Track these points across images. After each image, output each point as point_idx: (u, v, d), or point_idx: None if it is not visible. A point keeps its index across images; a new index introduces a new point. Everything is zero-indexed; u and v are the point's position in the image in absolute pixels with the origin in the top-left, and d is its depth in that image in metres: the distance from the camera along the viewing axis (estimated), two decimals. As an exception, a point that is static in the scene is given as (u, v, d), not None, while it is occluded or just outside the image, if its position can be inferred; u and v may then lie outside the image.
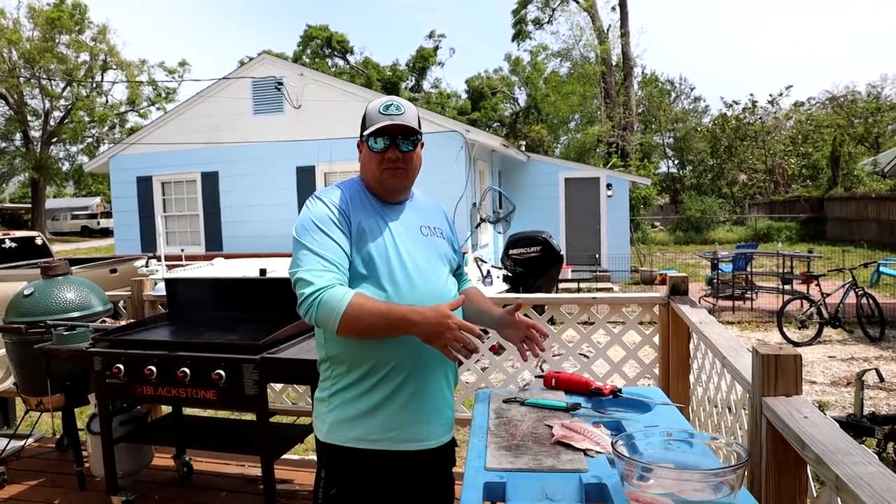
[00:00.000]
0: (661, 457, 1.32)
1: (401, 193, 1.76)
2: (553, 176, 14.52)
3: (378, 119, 1.64)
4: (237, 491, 3.31)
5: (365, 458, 1.62)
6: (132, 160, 12.43)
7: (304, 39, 34.06)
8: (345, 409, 1.63)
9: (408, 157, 1.68)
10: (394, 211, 1.74)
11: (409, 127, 1.66)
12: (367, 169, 1.71)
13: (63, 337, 2.98)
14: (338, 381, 1.65)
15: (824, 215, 23.03)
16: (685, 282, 3.03)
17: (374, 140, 1.65)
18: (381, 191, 1.72)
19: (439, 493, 1.79)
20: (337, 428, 1.64)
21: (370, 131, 1.64)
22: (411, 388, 1.62)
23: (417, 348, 1.58)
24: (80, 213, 39.95)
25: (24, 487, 3.40)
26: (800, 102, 33.00)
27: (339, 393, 1.64)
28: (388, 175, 1.68)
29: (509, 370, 3.49)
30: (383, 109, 1.66)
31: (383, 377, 1.60)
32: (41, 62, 29.23)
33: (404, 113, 1.66)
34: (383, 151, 1.66)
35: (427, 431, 1.67)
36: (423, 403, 1.65)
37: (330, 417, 1.65)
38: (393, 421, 1.62)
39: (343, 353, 1.63)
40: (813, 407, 1.41)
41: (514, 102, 34.91)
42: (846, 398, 5.90)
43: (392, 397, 1.61)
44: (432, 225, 1.80)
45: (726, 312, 10.14)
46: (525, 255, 7.91)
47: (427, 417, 1.66)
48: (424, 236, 1.74)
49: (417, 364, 1.62)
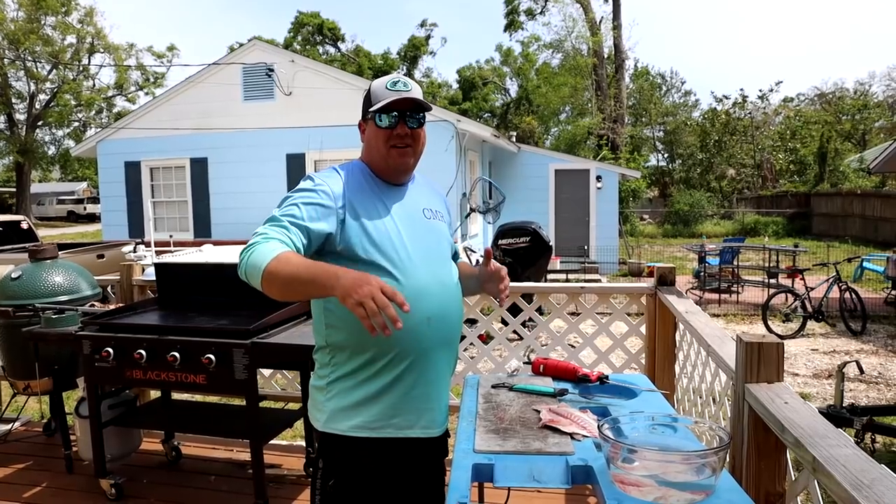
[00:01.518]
0: (646, 440, 1.36)
1: (406, 173, 1.71)
2: (543, 167, 14.54)
3: (386, 95, 1.60)
4: (225, 475, 3.33)
5: (365, 447, 1.60)
6: (120, 145, 12.31)
7: (296, 26, 33.79)
8: (345, 397, 1.60)
9: (416, 134, 1.64)
10: (396, 193, 1.69)
11: (418, 101, 1.62)
12: (373, 148, 1.65)
13: (52, 320, 2.97)
14: (337, 368, 1.61)
15: (810, 211, 23.26)
16: (672, 273, 3.07)
17: (381, 116, 1.60)
18: (386, 171, 1.67)
19: (434, 481, 1.78)
20: (336, 416, 1.60)
21: (378, 107, 1.58)
22: (415, 375, 1.59)
23: (421, 335, 1.57)
24: (67, 197, 39.50)
25: (10, 471, 3.39)
26: (789, 98, 33.27)
27: (339, 381, 1.61)
28: (396, 154, 1.63)
29: (497, 358, 3.52)
30: (390, 86, 1.62)
31: (387, 364, 1.57)
32: (26, 44, 28.76)
33: (412, 89, 1.62)
34: (391, 128, 1.61)
35: (431, 419, 1.65)
36: (426, 390, 1.62)
37: (329, 406, 1.62)
38: (396, 408, 1.59)
39: (346, 340, 1.59)
40: (793, 393, 1.45)
41: (505, 93, 34.87)
42: (827, 390, 6.00)
43: (395, 384, 1.58)
44: (434, 208, 1.76)
45: (712, 305, 10.24)
46: (514, 245, 7.95)
47: (431, 404, 1.64)
48: (427, 219, 1.70)
49: (421, 351, 1.59)
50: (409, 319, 1.52)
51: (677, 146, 33.04)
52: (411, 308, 1.53)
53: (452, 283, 1.68)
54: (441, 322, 1.62)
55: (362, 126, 1.70)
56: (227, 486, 3.20)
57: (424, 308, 1.57)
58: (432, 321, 1.59)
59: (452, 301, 1.67)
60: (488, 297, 3.49)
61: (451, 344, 1.71)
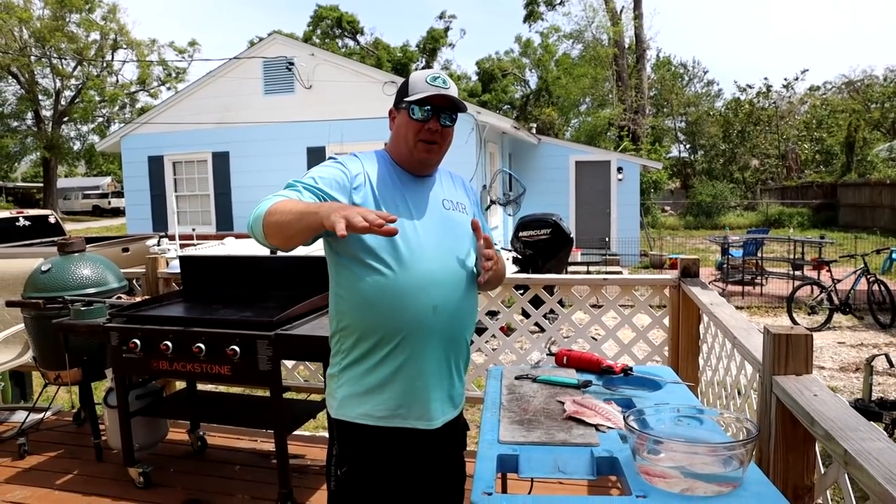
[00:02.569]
0: (672, 432, 1.35)
1: (428, 168, 1.72)
2: (563, 159, 14.44)
3: (425, 88, 1.61)
4: (250, 465, 3.37)
5: (374, 435, 1.61)
6: (143, 140, 12.47)
7: (315, 20, 33.90)
8: (354, 384, 1.62)
9: (446, 132, 1.66)
10: (416, 183, 1.69)
11: (456, 102, 1.63)
12: (401, 136, 1.66)
13: (80, 312, 3.03)
14: (347, 355, 1.63)
15: (837, 201, 22.82)
16: (696, 264, 3.03)
17: (415, 108, 1.61)
18: (409, 162, 1.68)
19: (450, 474, 1.77)
20: (346, 403, 1.63)
21: (416, 98, 1.59)
22: (418, 365, 1.58)
23: (426, 324, 1.56)
24: (92, 192, 40.16)
25: (43, 458, 3.48)
26: (815, 87, 32.59)
27: (348, 368, 1.63)
28: (423, 147, 1.64)
29: (519, 351, 3.51)
30: (431, 80, 1.62)
31: (391, 351, 1.57)
32: (52, 41, 29.24)
33: (450, 87, 1.63)
34: (424, 121, 1.61)
35: (434, 410, 1.63)
36: (430, 381, 1.61)
37: (340, 393, 1.64)
38: (401, 398, 1.59)
39: (353, 324, 1.60)
40: (823, 385, 1.42)
41: (524, 85, 34.68)
42: (855, 384, 5.90)
43: (399, 373, 1.58)
44: (455, 200, 1.75)
45: (736, 297, 10.11)
46: (535, 237, 7.93)
47: (434, 395, 1.62)
48: (447, 210, 1.70)
49: (425, 341, 1.58)
50: (414, 307, 1.55)
51: (699, 137, 32.59)
52: (418, 297, 1.55)
53: (465, 276, 1.65)
54: (448, 313, 1.60)
55: (393, 113, 1.71)
56: (252, 475, 3.24)
57: (431, 297, 1.56)
58: (439, 311, 1.57)
59: (464, 293, 1.65)
60: (509, 289, 3.50)
61: (458, 337, 1.67)
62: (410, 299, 1.55)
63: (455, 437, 1.76)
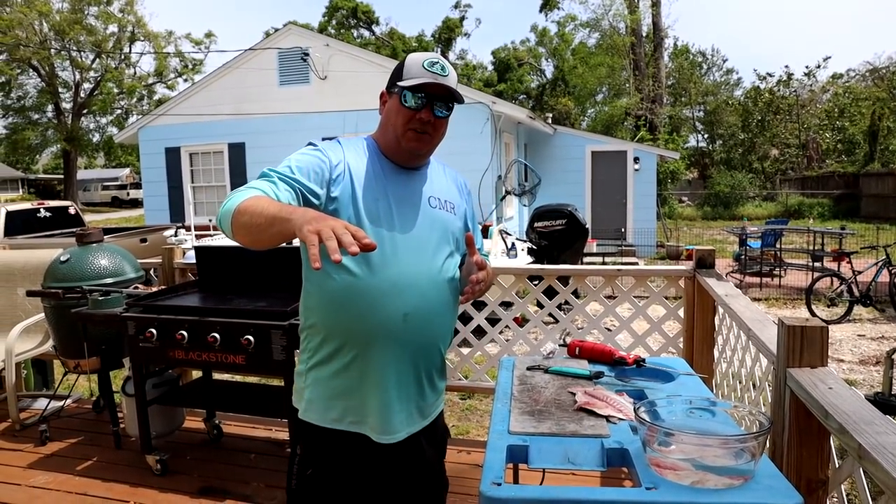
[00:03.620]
0: (683, 424, 1.34)
1: (417, 159, 1.59)
2: (580, 149, 14.34)
3: (421, 74, 1.48)
4: (265, 454, 3.41)
5: (341, 440, 1.53)
6: (161, 131, 12.58)
7: (330, 10, 33.86)
8: (321, 387, 1.53)
9: (438, 124, 1.53)
10: (402, 176, 1.57)
11: (452, 92, 1.50)
12: (390, 123, 1.54)
13: (98, 302, 3.07)
14: (313, 354, 1.54)
15: (859, 192, 22.43)
16: (712, 255, 3.00)
17: (408, 95, 1.48)
18: (397, 151, 1.56)
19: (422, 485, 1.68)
20: (313, 407, 1.54)
21: (410, 84, 1.47)
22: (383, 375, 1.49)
23: (396, 332, 1.47)
24: (111, 183, 40.66)
25: (64, 445, 3.54)
26: (838, 74, 31.94)
27: (315, 368, 1.54)
28: (412, 137, 1.51)
29: (533, 341, 3.51)
30: (428, 65, 1.49)
31: (355, 357, 1.48)
32: (71, 34, 29.55)
33: (448, 76, 1.51)
34: (416, 109, 1.49)
35: (395, 423, 1.52)
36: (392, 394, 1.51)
37: (307, 394, 1.56)
38: (364, 407, 1.51)
39: (319, 323, 1.51)
40: (838, 378, 1.40)
41: (540, 74, 34.42)
42: (875, 377, 5.82)
43: (363, 381, 1.49)
44: (444, 198, 1.62)
45: (754, 289, 10.01)
46: (550, 228, 7.89)
47: (396, 408, 1.52)
48: (432, 208, 1.57)
49: (393, 348, 1.48)
50: (382, 313, 1.45)
51: (718, 126, 32.14)
52: (387, 302, 1.44)
53: (443, 280, 1.54)
54: (420, 321, 1.50)
55: (384, 97, 1.59)
56: (267, 464, 3.28)
57: (403, 303, 1.46)
58: (409, 319, 1.47)
59: (440, 299, 1.54)
60: (524, 280, 3.49)
61: (430, 346, 1.57)
62: (380, 304, 1.45)
63: (432, 447, 1.68)
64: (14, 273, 4.16)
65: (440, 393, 1.68)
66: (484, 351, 3.56)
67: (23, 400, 4.17)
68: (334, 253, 1.06)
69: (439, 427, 1.73)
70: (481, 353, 3.57)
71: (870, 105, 26.50)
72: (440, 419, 1.73)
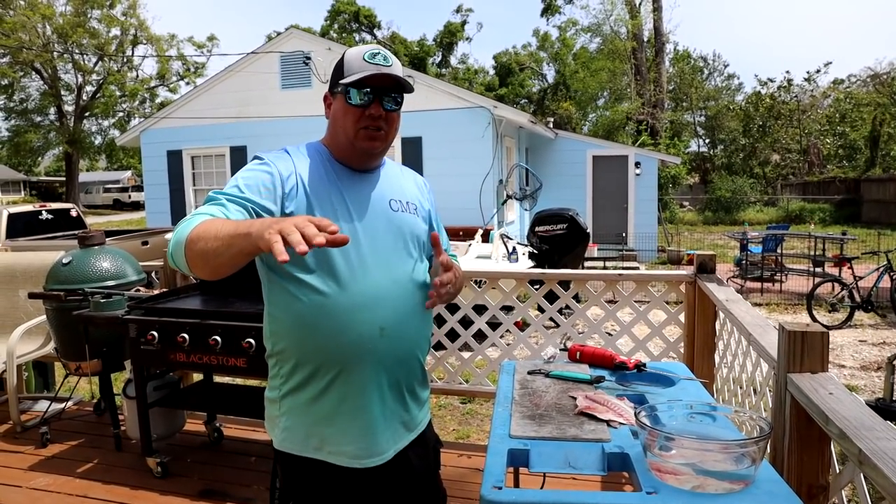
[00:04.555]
0: (684, 429, 1.34)
1: (372, 159, 1.51)
2: (581, 153, 14.36)
3: (363, 67, 1.39)
4: (266, 457, 3.40)
5: (322, 471, 1.44)
6: (162, 134, 12.60)
7: (332, 14, 33.97)
8: (299, 415, 1.44)
9: (390, 118, 1.44)
10: (358, 181, 1.48)
11: (398, 80, 1.41)
12: (339, 127, 1.45)
13: (100, 304, 3.08)
14: (286, 380, 1.45)
15: (860, 197, 22.43)
16: (713, 260, 3.01)
17: (353, 92, 1.40)
18: (350, 154, 1.47)
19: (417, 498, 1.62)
20: (291, 436, 1.45)
21: (351, 80, 1.38)
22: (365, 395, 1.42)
23: (373, 348, 1.39)
24: (112, 186, 40.74)
25: (65, 447, 3.54)
26: (839, 80, 31.99)
27: (289, 395, 1.45)
28: (364, 136, 1.43)
29: (534, 346, 3.51)
30: (368, 57, 1.40)
31: (333, 379, 1.40)
32: (74, 37, 29.62)
33: (392, 65, 1.42)
34: (364, 107, 1.40)
35: (383, 443, 1.46)
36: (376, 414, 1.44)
37: (283, 422, 1.46)
38: (346, 432, 1.42)
39: (289, 348, 1.43)
40: (839, 384, 1.41)
41: (542, 79, 34.48)
42: (876, 383, 5.81)
43: (343, 404, 1.41)
44: (405, 199, 1.54)
45: (754, 294, 10.00)
46: (551, 232, 7.89)
47: (382, 427, 1.46)
48: (394, 211, 1.49)
49: (372, 366, 1.41)
50: (359, 330, 1.38)
51: (719, 131, 32.21)
52: (362, 317, 1.37)
53: (415, 287, 1.47)
54: (397, 333, 1.43)
55: (328, 99, 1.50)
56: (267, 467, 3.27)
57: (378, 317, 1.39)
58: (387, 332, 1.40)
59: (414, 308, 1.47)
60: (524, 284, 3.49)
61: (410, 358, 1.50)
62: (353, 321, 1.37)
63: (423, 460, 1.61)
64: (16, 275, 4.17)
65: (424, 403, 1.62)
66: (485, 355, 3.56)
67: (24, 402, 4.17)
68: (299, 245, 0.98)
69: (429, 438, 1.66)
70: (482, 357, 3.57)
71: (871, 111, 26.52)
72: (429, 430, 1.66)
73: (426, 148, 10.24)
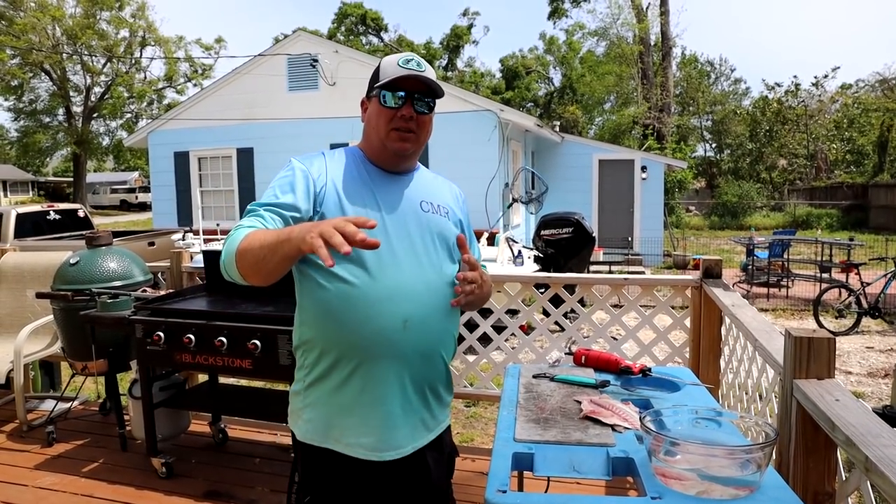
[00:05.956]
0: (689, 434, 1.34)
1: (405, 161, 1.56)
2: (587, 157, 14.34)
3: (396, 71, 1.46)
4: (270, 458, 3.41)
5: (343, 464, 1.47)
6: (170, 135, 12.66)
7: (339, 16, 34.09)
8: (321, 406, 1.48)
9: (421, 121, 1.50)
10: (390, 182, 1.54)
11: (429, 84, 1.47)
12: (373, 128, 1.52)
13: (107, 305, 3.09)
14: (311, 370, 1.49)
15: (868, 203, 22.32)
16: (719, 265, 3.00)
17: (387, 95, 1.47)
18: (382, 155, 1.53)
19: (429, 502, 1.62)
20: (313, 428, 1.49)
21: (385, 82, 1.45)
22: (384, 386, 1.44)
23: (395, 340, 1.42)
24: (119, 187, 40.95)
25: (71, 447, 3.56)
26: (847, 85, 31.88)
27: (313, 385, 1.49)
28: (396, 137, 1.48)
29: (539, 349, 3.51)
30: (403, 63, 1.47)
31: (354, 369, 1.43)
32: (83, 38, 29.82)
33: (425, 70, 1.48)
34: (396, 108, 1.47)
35: (400, 438, 1.48)
36: (395, 406, 1.46)
37: (306, 414, 1.51)
38: (366, 423, 1.45)
39: (315, 337, 1.47)
40: (845, 390, 1.40)
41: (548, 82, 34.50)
42: (883, 390, 5.77)
43: (363, 395, 1.44)
44: (436, 202, 1.58)
45: (761, 299, 9.96)
46: (557, 236, 7.89)
47: (401, 422, 1.48)
48: (424, 212, 1.53)
49: (394, 357, 1.44)
50: (382, 321, 1.41)
51: (726, 136, 32.10)
52: (386, 309, 1.40)
53: (441, 285, 1.50)
54: (421, 327, 1.45)
55: (365, 104, 1.58)
56: (271, 468, 3.28)
57: (402, 310, 1.42)
58: (410, 325, 1.42)
59: (439, 305, 1.49)
60: (530, 288, 3.49)
61: (433, 355, 1.51)
62: (377, 311, 1.40)
63: (438, 464, 1.61)
64: (24, 275, 4.20)
65: (446, 406, 1.64)
66: (489, 358, 3.56)
67: (30, 401, 4.19)
68: (342, 247, 1.07)
69: (446, 444, 1.67)
70: (487, 360, 3.57)
71: (879, 116, 26.40)
72: (447, 435, 1.67)
73: (432, 151, 10.25)
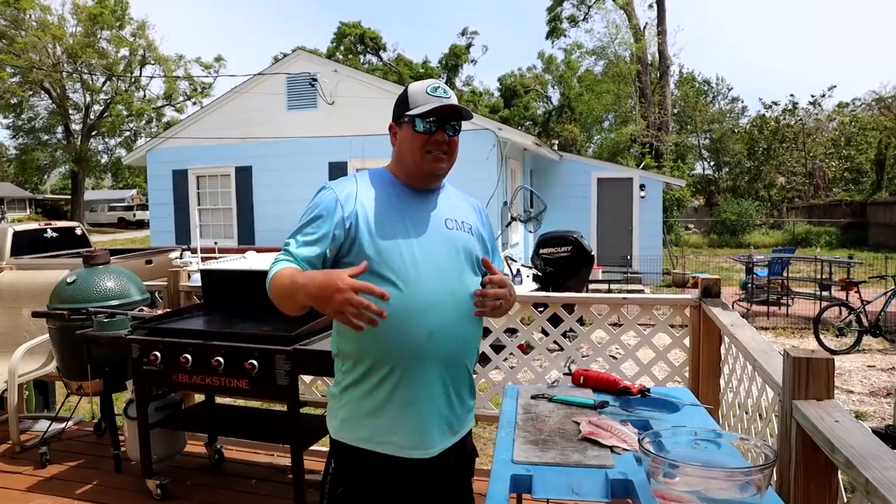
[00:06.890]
0: (688, 456, 1.33)
1: (437, 179, 1.69)
2: (585, 176, 14.40)
3: (427, 100, 1.59)
4: (266, 479, 3.38)
5: (373, 460, 1.59)
6: (169, 153, 12.71)
7: (338, 36, 34.42)
8: (353, 407, 1.61)
9: (452, 142, 1.64)
10: (418, 201, 1.66)
11: (460, 110, 1.60)
12: (406, 152, 1.63)
13: (103, 324, 3.08)
14: (347, 376, 1.62)
15: (867, 220, 22.37)
16: (717, 284, 2.99)
17: (419, 121, 1.59)
18: (417, 176, 1.65)
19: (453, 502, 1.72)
20: (346, 426, 1.62)
21: (420, 111, 1.58)
22: (413, 391, 1.56)
23: (421, 350, 1.54)
24: (117, 204, 41.01)
25: (64, 468, 3.52)
26: (844, 103, 32.09)
27: (348, 389, 1.62)
28: (431, 160, 1.61)
29: (538, 369, 3.49)
30: (431, 91, 1.61)
31: (385, 376, 1.55)
32: (83, 57, 30.08)
33: (451, 96, 1.62)
34: (429, 133, 1.59)
35: (429, 438, 1.59)
36: (424, 408, 1.57)
37: (340, 414, 1.64)
38: (396, 424, 1.57)
39: (348, 348, 1.61)
40: (845, 411, 1.39)
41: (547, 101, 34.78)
42: (885, 409, 5.74)
43: (393, 398, 1.56)
44: (460, 219, 1.70)
45: (761, 318, 9.94)
46: (555, 254, 7.89)
47: (429, 423, 1.58)
48: (449, 229, 1.65)
49: (421, 366, 1.55)
50: (408, 333, 1.52)
51: (724, 154, 32.28)
52: (412, 322, 1.52)
53: (464, 297, 1.60)
54: (445, 339, 1.56)
55: (394, 129, 1.69)
56: (268, 490, 3.24)
57: (427, 323, 1.53)
58: (434, 337, 1.54)
59: (464, 318, 1.60)
60: (529, 307, 3.48)
61: (457, 363, 1.63)
62: (405, 324, 1.52)
63: (460, 465, 1.71)
64: (20, 293, 4.19)
65: (469, 409, 1.73)
66: (488, 378, 3.54)
67: (24, 421, 4.15)
68: (358, 327, 1.33)
69: (468, 445, 1.76)
70: (485, 380, 3.54)
71: (876, 134, 26.56)
72: (468, 438, 1.77)
73: (431, 169, 10.28)
